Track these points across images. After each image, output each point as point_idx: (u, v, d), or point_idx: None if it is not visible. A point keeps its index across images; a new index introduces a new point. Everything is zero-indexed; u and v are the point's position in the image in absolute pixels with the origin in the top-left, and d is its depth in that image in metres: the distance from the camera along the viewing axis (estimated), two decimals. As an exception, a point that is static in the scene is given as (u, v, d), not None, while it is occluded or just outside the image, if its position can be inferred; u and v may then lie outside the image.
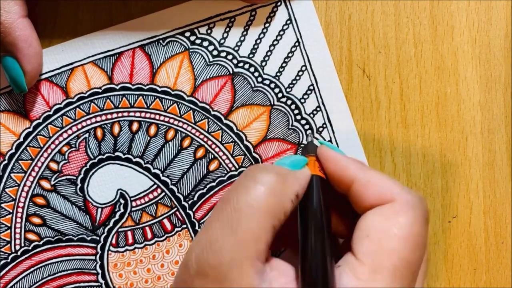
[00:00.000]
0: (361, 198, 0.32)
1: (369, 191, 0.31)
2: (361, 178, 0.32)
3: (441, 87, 0.41)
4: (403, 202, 0.31)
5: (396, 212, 0.30)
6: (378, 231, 0.30)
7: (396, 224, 0.30)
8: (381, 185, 0.31)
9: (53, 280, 0.41)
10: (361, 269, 0.29)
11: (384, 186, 0.31)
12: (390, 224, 0.30)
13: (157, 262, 0.41)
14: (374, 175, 0.32)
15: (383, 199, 0.31)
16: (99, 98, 0.40)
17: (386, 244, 0.29)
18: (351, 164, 0.32)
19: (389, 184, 0.31)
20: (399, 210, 0.30)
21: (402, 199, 0.31)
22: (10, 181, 0.40)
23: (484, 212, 0.41)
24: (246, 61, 0.40)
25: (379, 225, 0.30)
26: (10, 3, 0.36)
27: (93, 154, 0.40)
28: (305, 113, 0.40)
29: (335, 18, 0.40)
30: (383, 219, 0.30)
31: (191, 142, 0.40)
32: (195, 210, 0.41)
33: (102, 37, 0.40)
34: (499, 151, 0.41)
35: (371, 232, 0.30)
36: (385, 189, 0.31)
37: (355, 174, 0.32)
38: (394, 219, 0.30)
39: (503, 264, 0.41)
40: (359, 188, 0.32)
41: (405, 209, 0.30)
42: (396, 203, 0.31)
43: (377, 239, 0.30)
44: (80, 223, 0.40)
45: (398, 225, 0.30)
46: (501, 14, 0.40)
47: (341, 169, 0.32)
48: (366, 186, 0.31)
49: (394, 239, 0.29)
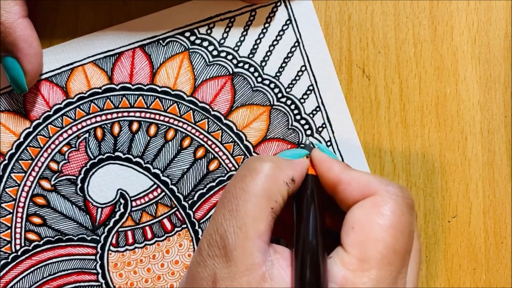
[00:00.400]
0: (345, 197, 0.33)
1: (352, 189, 0.33)
2: (344, 178, 0.33)
3: (440, 87, 0.41)
4: (384, 193, 0.32)
5: (378, 203, 0.32)
6: (362, 222, 0.32)
7: (379, 214, 0.31)
8: (362, 182, 0.33)
9: (53, 280, 0.41)
10: (349, 260, 0.31)
11: (365, 182, 0.33)
12: (373, 214, 0.31)
13: (157, 262, 0.41)
14: (355, 174, 0.34)
15: (366, 194, 0.33)
16: (99, 98, 0.40)
17: (370, 234, 0.31)
18: (335, 166, 0.34)
19: (369, 179, 0.33)
20: (380, 201, 0.32)
21: (382, 191, 0.32)
22: (10, 181, 0.40)
23: (484, 212, 0.41)
24: (246, 61, 0.40)
25: (363, 217, 0.32)
26: (11, 3, 0.36)
27: (93, 154, 0.40)
28: (305, 113, 0.40)
29: (335, 18, 0.40)
30: (366, 211, 0.32)
31: (191, 142, 0.40)
32: (195, 210, 0.41)
33: (102, 37, 0.40)
34: (499, 151, 0.41)
35: (356, 224, 0.32)
36: (366, 185, 0.33)
37: (338, 175, 0.34)
38: (376, 209, 0.32)
39: (503, 264, 0.41)
40: (343, 187, 0.33)
41: (386, 199, 0.32)
42: (378, 195, 0.32)
43: (361, 230, 0.31)
44: (80, 223, 0.40)
45: (381, 215, 0.31)
46: (500, 14, 0.40)
47: (326, 170, 0.34)
48: (349, 184, 0.33)
49: (377, 228, 0.31)
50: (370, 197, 0.32)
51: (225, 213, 0.31)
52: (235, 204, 0.31)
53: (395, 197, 0.32)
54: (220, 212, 0.32)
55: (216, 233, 0.31)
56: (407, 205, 0.32)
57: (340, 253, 0.31)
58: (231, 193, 0.32)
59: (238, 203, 0.31)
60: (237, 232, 0.31)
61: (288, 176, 0.33)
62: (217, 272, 0.30)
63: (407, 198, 0.32)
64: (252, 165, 0.33)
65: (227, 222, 0.31)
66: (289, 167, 0.33)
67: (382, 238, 0.31)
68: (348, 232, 0.32)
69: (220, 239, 0.31)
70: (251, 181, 0.32)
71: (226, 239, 0.31)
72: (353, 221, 0.32)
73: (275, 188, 0.32)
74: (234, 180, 0.33)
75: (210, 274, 0.31)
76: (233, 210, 0.31)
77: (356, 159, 0.40)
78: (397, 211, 0.31)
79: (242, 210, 0.31)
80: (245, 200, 0.31)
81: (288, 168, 0.33)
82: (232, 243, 0.30)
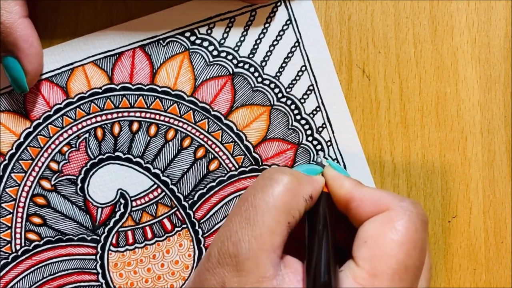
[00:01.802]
0: (358, 213, 0.33)
1: (365, 205, 0.33)
2: (356, 195, 0.33)
3: (440, 87, 0.41)
4: (398, 209, 0.32)
5: (391, 218, 0.32)
6: (374, 237, 0.31)
7: (392, 229, 0.31)
8: (375, 198, 0.33)
9: (53, 280, 0.41)
10: (360, 274, 0.30)
11: (378, 199, 0.33)
12: (386, 229, 0.31)
13: (157, 262, 0.41)
14: (368, 191, 0.34)
15: (379, 210, 0.32)
16: (99, 98, 0.40)
17: (382, 249, 0.31)
18: (347, 183, 0.34)
19: (382, 195, 0.33)
20: (394, 216, 0.32)
21: (396, 206, 0.32)
22: (10, 181, 0.40)
23: (484, 212, 0.41)
24: (246, 61, 0.40)
25: (376, 231, 0.32)
26: (11, 3, 0.36)
27: (93, 154, 0.40)
28: (305, 113, 0.40)
29: (335, 18, 0.40)
30: (379, 226, 0.32)
31: (191, 142, 0.40)
32: (195, 210, 0.41)
33: (102, 37, 0.40)
34: (499, 151, 0.41)
35: (368, 239, 0.31)
36: (379, 201, 0.33)
37: (350, 192, 0.34)
38: (390, 224, 0.31)
39: (503, 264, 0.41)
40: (356, 204, 0.33)
41: (400, 215, 0.32)
42: (391, 211, 0.32)
43: (374, 245, 0.31)
44: (80, 223, 0.40)
45: (394, 230, 0.31)
46: (500, 14, 0.40)
47: (338, 188, 0.34)
48: (362, 201, 0.33)
49: (390, 244, 0.31)
50: (384, 212, 0.32)
51: (242, 221, 0.31)
52: (253, 213, 0.31)
53: (409, 213, 0.32)
54: (235, 220, 0.31)
55: (229, 241, 0.31)
56: (421, 221, 0.32)
57: (351, 267, 0.31)
58: (249, 202, 0.31)
59: (256, 212, 0.31)
60: (252, 242, 0.30)
61: (307, 192, 0.33)
62: (226, 281, 0.30)
63: (421, 215, 0.32)
64: (273, 176, 0.32)
65: (243, 230, 0.31)
66: (309, 183, 0.33)
67: (394, 253, 0.30)
68: (360, 246, 0.31)
69: (233, 247, 0.30)
70: (272, 192, 0.32)
71: (240, 248, 0.30)
72: (365, 235, 0.32)
73: (294, 203, 0.32)
74: (253, 189, 0.32)
75: (219, 282, 0.30)
76: (250, 219, 0.31)
77: (356, 160, 0.40)
78: (411, 227, 0.31)
79: (260, 220, 0.31)
80: (264, 211, 0.31)
81: (308, 184, 0.33)
82: (246, 252, 0.30)
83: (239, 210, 0.32)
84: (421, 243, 0.31)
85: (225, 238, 0.31)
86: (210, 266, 0.31)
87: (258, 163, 0.40)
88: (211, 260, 0.31)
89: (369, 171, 0.40)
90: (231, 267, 0.30)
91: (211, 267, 0.31)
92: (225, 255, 0.30)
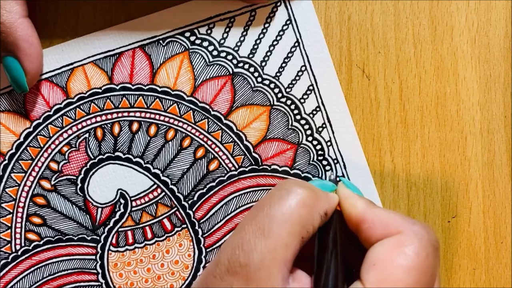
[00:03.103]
0: (369, 235, 0.33)
1: (376, 227, 0.32)
2: (368, 216, 0.33)
3: (440, 87, 0.41)
4: (409, 233, 0.31)
5: (402, 243, 0.31)
6: (384, 261, 0.31)
7: (402, 254, 0.31)
8: (386, 220, 0.32)
9: (53, 280, 0.41)
10: None
11: (389, 221, 0.32)
12: (396, 254, 0.31)
13: (157, 262, 0.41)
14: (379, 212, 0.33)
15: (390, 233, 0.32)
16: (99, 98, 0.40)
17: (391, 274, 0.30)
18: (359, 203, 0.34)
19: (394, 218, 0.32)
20: (405, 241, 0.31)
21: (408, 230, 0.32)
22: (10, 181, 0.40)
23: (484, 212, 0.41)
24: (246, 61, 0.40)
25: (385, 255, 0.31)
26: (11, 3, 0.36)
27: (93, 154, 0.40)
28: (305, 113, 0.40)
29: (335, 18, 0.40)
30: (389, 250, 0.31)
31: (191, 142, 0.40)
32: (195, 210, 0.41)
33: (102, 37, 0.40)
34: (499, 151, 0.41)
35: (377, 262, 0.31)
36: (390, 224, 0.32)
37: (362, 213, 0.33)
38: (400, 249, 0.31)
39: (503, 264, 0.41)
40: (367, 226, 0.33)
41: (411, 239, 0.31)
42: (402, 235, 0.31)
43: (383, 268, 0.31)
44: (80, 223, 0.40)
45: (404, 255, 0.31)
46: (500, 14, 0.40)
47: (350, 207, 0.34)
48: (373, 223, 0.33)
49: (399, 268, 0.30)
50: (394, 235, 0.32)
51: (256, 230, 0.31)
52: (268, 224, 0.31)
53: (420, 238, 0.31)
54: (249, 229, 0.31)
55: (241, 249, 0.30)
56: (432, 247, 0.31)
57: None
58: (265, 212, 0.31)
59: (271, 224, 0.31)
60: (264, 253, 0.30)
61: (323, 209, 0.33)
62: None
63: (433, 240, 0.32)
64: (291, 188, 0.32)
65: (256, 240, 0.30)
66: (325, 200, 0.33)
67: (403, 279, 0.30)
68: (368, 269, 0.31)
69: (244, 256, 0.30)
70: (289, 204, 0.31)
71: (252, 257, 0.30)
72: (375, 258, 0.31)
73: (310, 218, 0.32)
74: (269, 199, 0.32)
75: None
76: (265, 229, 0.30)
77: (356, 160, 0.40)
78: (422, 253, 0.31)
79: (276, 232, 0.30)
80: (280, 223, 0.31)
81: (324, 201, 0.33)
82: (257, 263, 0.30)
83: (253, 219, 0.31)
84: (431, 269, 0.31)
85: (236, 246, 0.30)
86: (218, 273, 0.30)
87: (258, 163, 0.40)
88: (220, 267, 0.31)
89: (369, 171, 0.40)
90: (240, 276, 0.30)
91: (219, 274, 0.30)
92: (235, 264, 0.30)
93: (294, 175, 0.40)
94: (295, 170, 0.40)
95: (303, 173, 0.40)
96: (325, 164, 0.40)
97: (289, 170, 0.40)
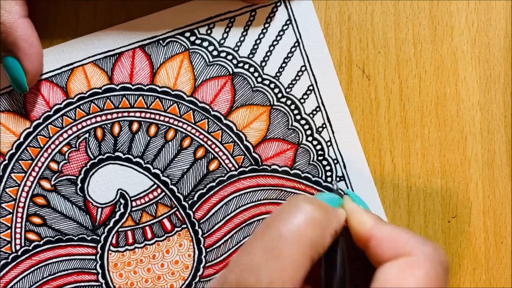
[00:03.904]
0: (377, 254, 0.32)
1: (385, 247, 0.32)
2: (377, 234, 0.32)
3: (440, 87, 0.41)
4: (419, 254, 0.31)
5: (412, 264, 0.31)
6: (394, 283, 0.30)
7: (412, 276, 0.30)
8: (396, 239, 0.32)
9: (53, 280, 0.41)
10: None
11: (400, 241, 0.32)
12: (406, 276, 0.30)
13: (157, 262, 0.41)
14: (388, 230, 0.32)
15: (400, 253, 0.31)
16: (99, 98, 0.40)
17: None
18: (367, 220, 0.33)
19: (404, 238, 0.32)
20: (416, 262, 0.31)
21: (418, 251, 0.31)
22: (10, 181, 0.40)
23: (484, 212, 0.41)
24: (246, 61, 0.40)
25: (395, 277, 0.30)
26: (11, 3, 0.36)
27: (93, 154, 0.40)
28: (305, 113, 0.40)
29: (335, 18, 0.40)
30: (399, 271, 0.30)
31: (191, 142, 0.40)
32: (195, 210, 0.41)
33: (102, 37, 0.40)
34: (499, 151, 0.41)
35: (387, 284, 0.30)
36: (400, 243, 0.32)
37: (370, 230, 0.33)
38: (410, 271, 0.30)
39: (503, 264, 0.41)
40: (375, 244, 0.32)
41: (422, 261, 0.31)
42: (413, 256, 0.31)
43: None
44: (80, 223, 0.40)
45: (414, 278, 0.30)
46: (500, 14, 0.40)
47: (357, 224, 0.33)
48: (382, 241, 0.32)
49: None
50: (405, 257, 0.31)
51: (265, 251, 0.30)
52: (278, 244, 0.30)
53: (431, 259, 0.31)
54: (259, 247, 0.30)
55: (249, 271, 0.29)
56: (443, 268, 0.31)
57: None
58: (276, 230, 0.30)
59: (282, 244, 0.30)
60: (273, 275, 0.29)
61: (334, 228, 0.32)
62: None
63: (444, 261, 0.31)
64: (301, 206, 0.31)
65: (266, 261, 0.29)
66: (335, 218, 0.32)
67: None
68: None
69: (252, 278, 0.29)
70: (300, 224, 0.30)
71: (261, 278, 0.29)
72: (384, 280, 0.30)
73: (321, 238, 0.31)
74: (279, 216, 0.31)
75: None
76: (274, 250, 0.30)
77: (356, 160, 0.40)
78: (432, 275, 0.30)
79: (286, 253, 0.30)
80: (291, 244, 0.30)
81: (335, 219, 0.32)
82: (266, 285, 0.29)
83: (262, 237, 0.30)
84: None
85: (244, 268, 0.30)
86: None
87: (258, 163, 0.40)
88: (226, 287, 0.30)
89: (369, 171, 0.40)
90: None
91: None
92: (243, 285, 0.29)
93: (294, 175, 0.40)
94: (295, 170, 0.40)
95: (303, 173, 0.40)
96: (325, 164, 0.40)
97: (289, 170, 0.40)
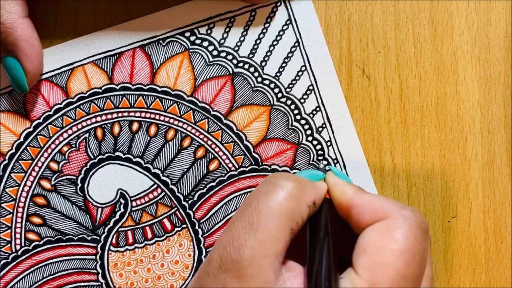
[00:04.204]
0: (359, 220, 0.33)
1: (365, 212, 0.33)
2: (357, 202, 0.33)
3: (440, 87, 0.41)
4: (397, 217, 0.32)
5: (391, 227, 0.31)
6: (374, 246, 0.31)
7: (391, 238, 0.31)
8: (375, 205, 0.33)
9: (53, 280, 0.41)
10: (360, 283, 0.30)
11: (378, 206, 0.33)
12: (385, 239, 0.31)
13: (157, 262, 0.41)
14: (368, 198, 0.33)
15: (379, 217, 0.32)
16: (99, 98, 0.40)
17: (381, 258, 0.31)
18: (348, 190, 0.34)
19: (383, 202, 0.33)
20: (394, 225, 0.32)
21: (396, 214, 0.32)
22: (10, 181, 0.40)
23: (484, 212, 0.41)
24: (246, 61, 0.40)
25: (375, 240, 0.31)
26: (11, 3, 0.36)
27: (93, 154, 0.40)
28: (305, 113, 0.40)
29: (335, 18, 0.40)
30: (378, 235, 0.32)
31: (191, 142, 0.40)
32: (195, 210, 0.41)
33: (102, 37, 0.40)
34: (499, 151, 0.41)
35: (367, 247, 0.31)
36: (379, 208, 0.33)
37: (351, 199, 0.34)
38: (389, 233, 0.31)
39: (503, 264, 0.41)
40: (356, 211, 0.33)
41: (399, 223, 0.32)
42: (391, 219, 0.32)
43: (373, 253, 0.31)
44: (80, 223, 0.40)
45: (393, 240, 0.31)
46: (500, 14, 0.40)
47: (339, 194, 0.34)
48: (362, 208, 0.33)
49: (389, 253, 0.31)
50: (383, 220, 0.32)
51: (245, 226, 0.31)
52: (256, 219, 0.31)
53: (409, 221, 0.31)
54: (238, 225, 0.31)
55: (231, 246, 0.31)
56: (421, 229, 0.32)
57: (351, 276, 0.31)
58: (253, 207, 0.31)
59: (260, 218, 0.31)
60: (255, 248, 0.30)
61: (311, 199, 0.33)
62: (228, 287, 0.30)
63: (422, 223, 0.32)
64: (277, 181, 0.32)
65: (246, 236, 0.31)
66: (312, 189, 0.33)
67: (393, 263, 0.30)
68: (359, 255, 0.31)
69: (235, 252, 0.30)
70: (276, 198, 0.31)
71: (242, 253, 0.30)
72: (365, 244, 0.32)
73: (298, 209, 0.32)
74: (256, 194, 0.32)
75: None
76: (253, 224, 0.31)
77: (356, 160, 0.40)
78: (411, 236, 0.31)
79: (264, 226, 0.31)
80: (269, 217, 0.31)
81: (312, 190, 0.33)
82: (248, 259, 0.30)
83: (242, 215, 0.32)
84: (421, 252, 0.31)
85: (227, 243, 0.31)
86: (211, 271, 0.31)
87: (258, 163, 0.40)
88: (212, 265, 0.31)
89: (369, 171, 0.40)
90: (232, 273, 0.30)
91: (212, 272, 0.31)
92: (227, 261, 0.30)
93: (294, 175, 0.40)
94: (295, 170, 0.40)
95: (303, 173, 0.40)
96: (325, 164, 0.40)
97: (289, 170, 0.40)
